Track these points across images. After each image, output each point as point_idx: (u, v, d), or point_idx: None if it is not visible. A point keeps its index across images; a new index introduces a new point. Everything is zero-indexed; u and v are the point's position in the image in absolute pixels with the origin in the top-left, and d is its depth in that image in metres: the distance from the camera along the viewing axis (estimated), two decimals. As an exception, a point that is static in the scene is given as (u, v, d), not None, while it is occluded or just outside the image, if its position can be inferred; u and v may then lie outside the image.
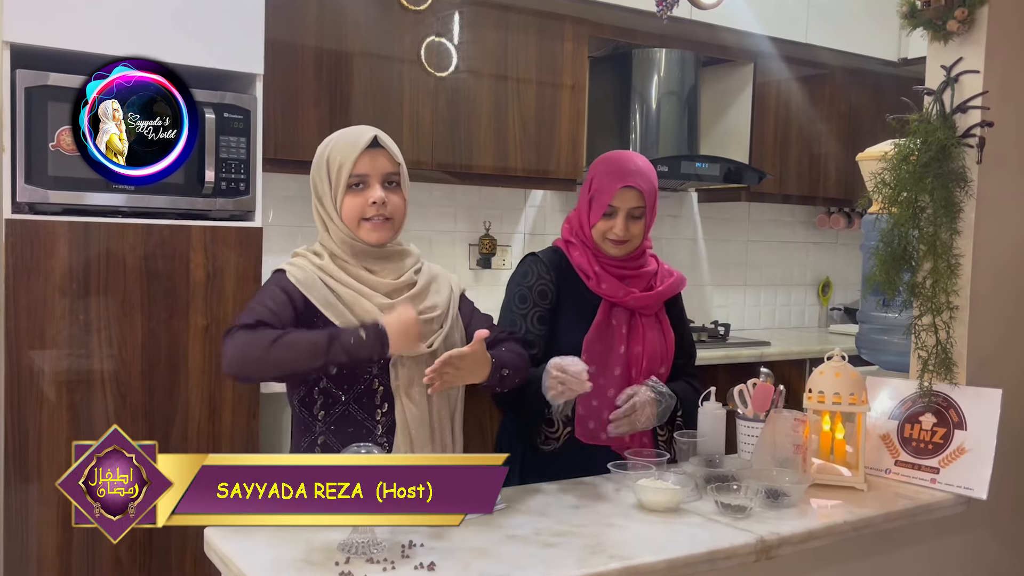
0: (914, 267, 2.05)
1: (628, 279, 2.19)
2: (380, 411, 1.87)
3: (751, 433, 2.10)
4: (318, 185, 1.91)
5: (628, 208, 2.13)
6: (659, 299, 2.22)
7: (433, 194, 3.85)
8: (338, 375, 1.84)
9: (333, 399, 1.86)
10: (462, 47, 3.47)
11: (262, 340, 1.73)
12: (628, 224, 2.13)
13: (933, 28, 2.09)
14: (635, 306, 2.17)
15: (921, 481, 2.00)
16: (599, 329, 2.14)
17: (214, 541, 1.58)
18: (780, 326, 5.00)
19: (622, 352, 2.14)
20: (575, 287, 2.18)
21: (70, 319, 2.53)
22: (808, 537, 1.71)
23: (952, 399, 2.04)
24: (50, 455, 2.52)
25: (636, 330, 2.17)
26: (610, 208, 2.13)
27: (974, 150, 2.03)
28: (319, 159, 1.92)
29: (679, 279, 2.28)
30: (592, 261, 2.18)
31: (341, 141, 1.91)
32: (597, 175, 2.17)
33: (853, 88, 4.61)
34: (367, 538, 1.50)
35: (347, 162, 1.87)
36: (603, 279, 2.16)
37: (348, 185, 1.87)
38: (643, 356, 2.16)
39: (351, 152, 1.87)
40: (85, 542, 2.57)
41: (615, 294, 2.16)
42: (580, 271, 2.18)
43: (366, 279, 1.88)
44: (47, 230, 2.50)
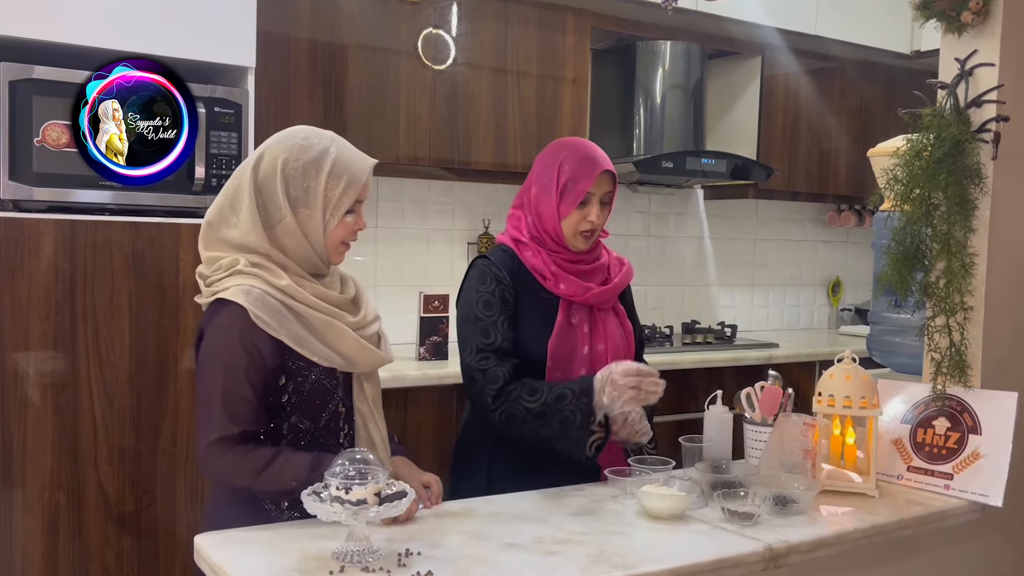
0: (927, 266, 2.05)
1: (585, 274, 2.17)
2: (343, 432, 1.85)
3: (759, 438, 2.10)
4: (297, 190, 1.75)
5: (601, 194, 2.13)
6: (615, 292, 2.21)
7: (431, 191, 3.85)
8: (307, 408, 1.77)
9: (301, 432, 1.79)
10: (460, 39, 3.47)
11: (248, 468, 1.67)
12: (600, 212, 2.13)
13: (947, 19, 2.09)
14: (594, 302, 2.16)
15: (934, 487, 2.00)
16: (561, 331, 2.12)
17: (205, 549, 1.58)
18: (789, 327, 5.00)
19: (586, 352, 2.13)
20: (530, 289, 2.14)
21: (55, 320, 2.53)
22: (818, 545, 1.71)
23: (966, 403, 2.04)
24: (35, 460, 2.52)
25: (597, 327, 2.16)
26: (586, 196, 2.11)
27: (989, 145, 2.03)
28: (312, 162, 1.76)
29: (629, 268, 2.28)
30: (547, 260, 2.14)
31: (349, 159, 1.79)
32: (566, 162, 2.12)
33: (864, 81, 4.61)
34: (362, 546, 1.50)
35: (356, 184, 1.78)
36: (561, 278, 2.14)
37: (349, 209, 1.79)
38: (607, 353, 2.15)
39: (361, 175, 1.79)
40: (71, 551, 2.57)
41: (575, 293, 2.13)
42: (535, 272, 2.14)
43: (325, 295, 1.78)
44: (32, 228, 2.50)
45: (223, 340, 1.69)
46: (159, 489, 2.68)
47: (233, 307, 1.69)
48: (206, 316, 1.76)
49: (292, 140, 1.78)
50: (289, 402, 1.76)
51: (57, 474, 2.55)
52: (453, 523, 1.73)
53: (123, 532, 2.64)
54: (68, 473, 2.56)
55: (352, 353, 1.78)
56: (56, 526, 2.55)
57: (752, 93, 4.31)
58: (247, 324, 1.68)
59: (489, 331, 2.07)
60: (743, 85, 4.34)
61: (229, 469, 1.68)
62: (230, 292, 1.70)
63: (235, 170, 1.82)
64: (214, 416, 1.67)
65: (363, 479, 1.50)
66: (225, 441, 1.67)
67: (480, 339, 2.07)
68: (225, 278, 1.73)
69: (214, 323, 1.72)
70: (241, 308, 1.68)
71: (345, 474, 1.50)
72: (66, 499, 2.56)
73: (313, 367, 1.76)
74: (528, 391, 2.03)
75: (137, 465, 2.64)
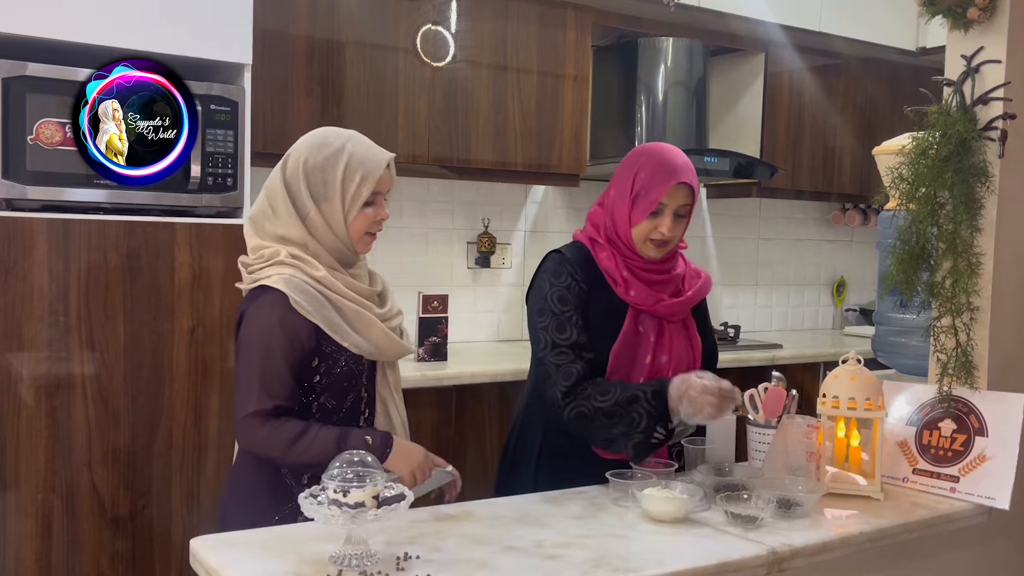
0: (933, 266, 2.05)
1: (657, 284, 2.14)
2: (363, 416, 2.00)
3: (762, 440, 2.10)
4: (317, 187, 1.92)
5: (676, 206, 2.10)
6: (688, 305, 2.18)
7: (430, 190, 3.85)
8: (336, 389, 1.94)
9: (329, 412, 1.95)
10: (460, 36, 3.47)
11: (280, 441, 1.83)
12: (673, 224, 2.10)
13: (953, 16, 2.09)
14: (663, 314, 2.13)
15: (940, 490, 2.00)
16: (627, 338, 2.10)
17: (200, 553, 1.58)
18: (793, 328, 5.00)
19: (648, 362, 2.11)
20: (602, 290, 2.13)
21: (49, 320, 2.53)
22: (822, 549, 1.71)
23: (973, 404, 2.04)
24: (28, 462, 2.52)
25: (663, 339, 2.14)
26: (659, 206, 2.08)
27: (996, 143, 2.03)
28: (325, 161, 1.92)
29: (707, 281, 2.25)
30: (620, 265, 2.12)
31: (364, 154, 1.94)
32: (643, 169, 2.10)
33: (869, 79, 4.61)
34: (361, 550, 1.50)
35: (371, 178, 1.93)
36: (632, 285, 2.11)
37: (367, 201, 1.93)
38: (669, 366, 2.13)
39: (376, 169, 1.93)
40: (65, 554, 2.57)
41: (645, 302, 2.11)
42: (607, 274, 2.13)
43: (356, 287, 1.96)
44: (25, 227, 2.50)
45: (264, 322, 1.86)
46: (154, 492, 2.68)
47: (275, 293, 1.86)
48: (247, 300, 1.93)
49: (313, 140, 1.96)
50: (320, 383, 1.92)
51: (51, 476, 2.55)
52: (453, 526, 1.73)
53: (117, 535, 2.64)
54: (62, 475, 2.56)
55: (379, 341, 1.95)
56: (50, 529, 2.55)
57: (755, 90, 4.31)
58: (287, 309, 1.85)
59: (565, 326, 2.07)
60: (746, 82, 4.35)
61: (264, 440, 1.84)
62: (272, 280, 1.87)
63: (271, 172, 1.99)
64: (252, 391, 1.84)
65: (361, 482, 1.49)
66: (261, 414, 1.83)
67: (556, 334, 2.07)
68: (267, 267, 1.90)
69: (255, 306, 1.89)
70: (282, 294, 1.85)
71: (343, 477, 1.50)
72: (60, 502, 2.56)
73: (343, 352, 1.92)
74: (600, 390, 2.02)
75: (132, 467, 2.65)
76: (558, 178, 3.78)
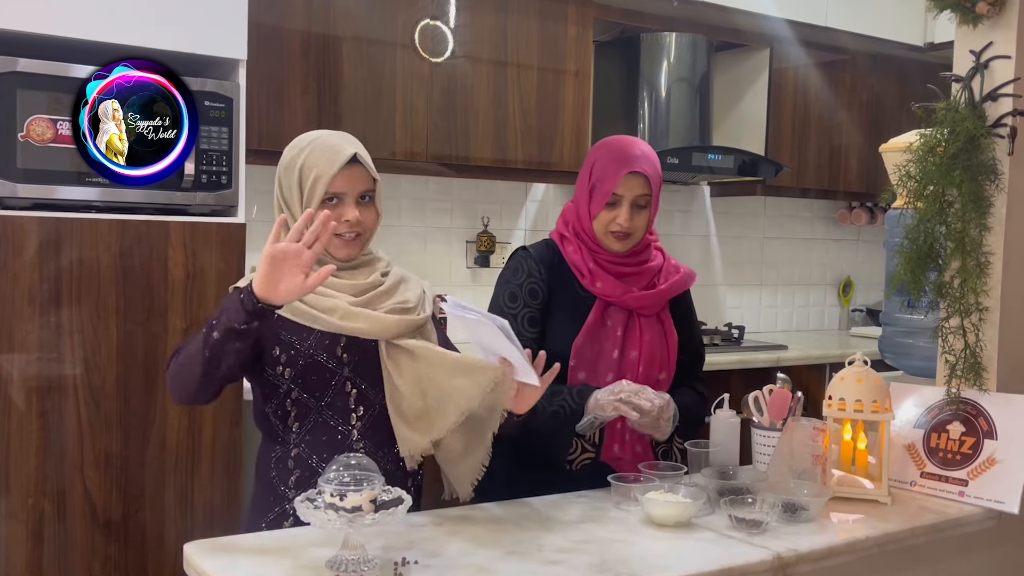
0: (941, 266, 2.05)
1: (628, 276, 2.17)
2: (355, 415, 1.89)
3: (767, 443, 2.10)
4: (284, 190, 1.91)
5: (633, 197, 2.12)
6: (661, 298, 2.20)
7: (428, 188, 3.85)
8: (303, 382, 1.85)
9: (306, 408, 1.87)
10: (459, 31, 3.47)
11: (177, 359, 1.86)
12: (632, 215, 2.12)
13: (961, 11, 2.09)
14: (634, 306, 2.15)
15: (949, 494, 2.00)
16: (591, 331, 2.12)
17: (194, 558, 1.58)
18: (798, 329, 5.00)
19: (615, 356, 2.13)
20: (568, 285, 2.16)
21: (40, 321, 2.53)
22: (828, 554, 1.71)
23: (981, 407, 2.04)
24: (19, 465, 2.52)
25: (633, 332, 2.15)
26: (614, 197, 2.11)
27: (1005, 141, 2.03)
28: (290, 162, 1.90)
29: (686, 275, 2.26)
30: (587, 257, 2.16)
31: (318, 152, 1.88)
32: (598, 161, 2.15)
33: (876, 75, 4.61)
34: (358, 555, 1.50)
35: (323, 177, 1.85)
36: (599, 277, 2.14)
37: (322, 200, 1.86)
38: (639, 361, 2.14)
39: (328, 169, 1.86)
40: (56, 559, 2.57)
41: (611, 293, 2.14)
42: (574, 268, 2.16)
43: (332, 283, 1.86)
44: (15, 226, 2.50)
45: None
46: (147, 496, 2.68)
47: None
48: None
49: (291, 143, 1.94)
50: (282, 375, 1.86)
51: (42, 480, 2.55)
52: (452, 530, 1.73)
53: (110, 540, 2.64)
54: (53, 479, 2.56)
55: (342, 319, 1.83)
56: (41, 534, 2.55)
57: (760, 87, 4.31)
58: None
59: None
60: (751, 78, 4.35)
61: (172, 371, 1.87)
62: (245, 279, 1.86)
63: None
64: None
65: (358, 486, 1.49)
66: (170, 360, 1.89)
67: None
68: None
69: None
70: None
71: (340, 480, 1.50)
72: (51, 506, 2.56)
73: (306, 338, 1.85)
74: None
75: (124, 471, 2.64)
76: (559, 176, 3.78)
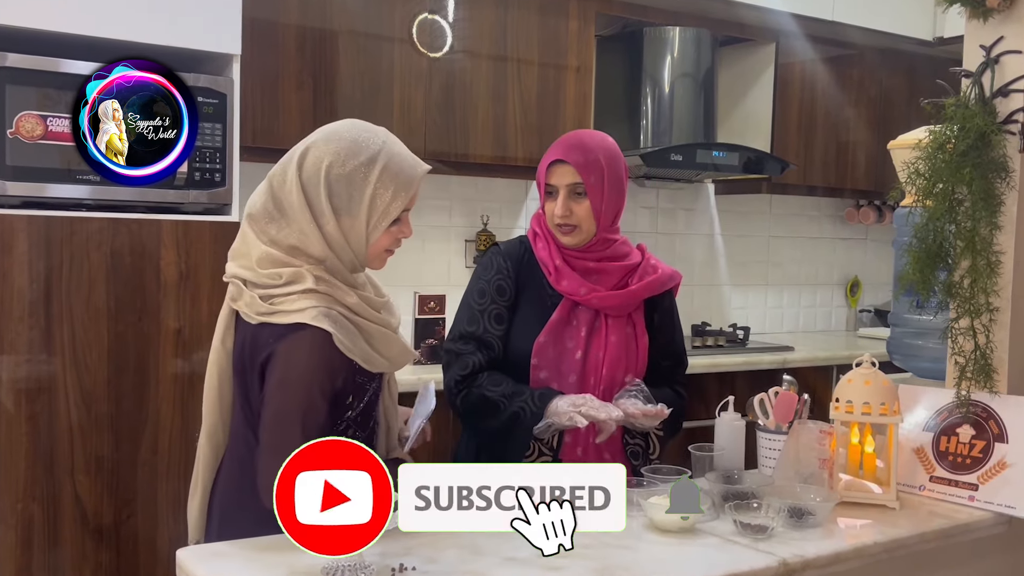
0: (951, 265, 2.05)
1: (595, 274, 2.17)
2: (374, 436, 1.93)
3: (773, 446, 2.10)
4: (341, 197, 1.75)
5: (565, 185, 2.13)
6: (630, 299, 2.18)
7: (426, 186, 3.83)
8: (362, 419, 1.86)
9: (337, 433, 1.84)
10: (457, 25, 3.47)
11: None
12: (569, 204, 2.12)
13: (971, 5, 2.09)
14: (598, 305, 2.15)
15: (958, 498, 2.00)
16: (553, 330, 2.13)
17: (187, 564, 1.58)
18: (804, 329, 5.00)
19: (578, 357, 2.13)
20: (536, 282, 2.19)
21: (30, 322, 2.53)
22: (835, 560, 1.71)
23: (992, 409, 2.04)
24: (8, 470, 2.52)
25: (598, 333, 2.15)
26: (549, 187, 2.15)
27: (1016, 137, 2.03)
28: (357, 171, 1.76)
29: (664, 276, 2.23)
30: (555, 254, 2.17)
31: (399, 167, 1.79)
32: (544, 158, 2.19)
33: (884, 70, 4.61)
34: (354, 561, 1.50)
35: (404, 195, 1.79)
36: (564, 275, 2.15)
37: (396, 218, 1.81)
38: (603, 363, 2.14)
39: (410, 185, 1.81)
40: (46, 565, 2.57)
41: (575, 291, 2.14)
42: (542, 265, 2.18)
43: (375, 304, 1.83)
44: (4, 224, 2.50)
45: (305, 365, 1.70)
46: (139, 500, 2.68)
47: (315, 331, 1.70)
48: (275, 337, 1.73)
49: (339, 142, 1.78)
50: (350, 417, 1.83)
51: (31, 484, 2.54)
52: (450, 536, 1.72)
53: (101, 546, 2.64)
54: (43, 483, 2.56)
55: (398, 357, 1.88)
56: (30, 539, 2.55)
57: (766, 82, 4.31)
58: (332, 350, 1.72)
59: (477, 319, 2.16)
60: (756, 73, 4.34)
61: None
62: (309, 315, 1.70)
63: (278, 162, 1.83)
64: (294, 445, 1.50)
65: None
66: None
67: (465, 325, 2.17)
68: (294, 296, 1.73)
69: (293, 346, 1.71)
70: (325, 334, 1.70)
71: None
72: (41, 511, 2.56)
73: (372, 381, 1.85)
74: (492, 381, 2.10)
75: (116, 475, 2.64)
76: (560, 173, 3.78)
